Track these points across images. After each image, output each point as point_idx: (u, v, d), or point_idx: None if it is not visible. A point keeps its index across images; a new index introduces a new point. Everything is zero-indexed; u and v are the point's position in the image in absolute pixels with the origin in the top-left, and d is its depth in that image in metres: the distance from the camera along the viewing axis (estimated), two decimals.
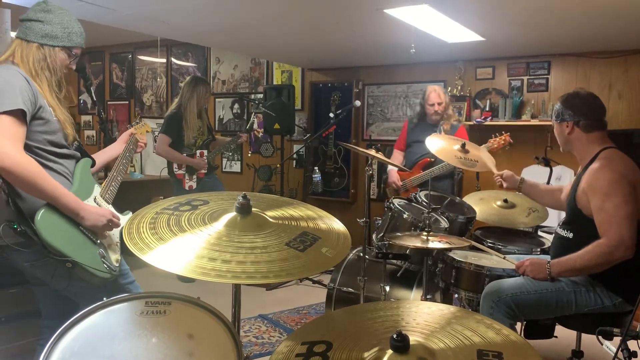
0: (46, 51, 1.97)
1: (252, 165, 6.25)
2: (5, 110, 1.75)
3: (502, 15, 3.57)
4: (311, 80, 6.26)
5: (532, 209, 3.37)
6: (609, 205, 2.20)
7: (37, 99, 1.88)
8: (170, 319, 1.38)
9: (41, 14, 1.97)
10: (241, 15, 3.80)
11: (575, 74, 4.89)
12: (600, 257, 2.19)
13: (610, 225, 2.19)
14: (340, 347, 1.21)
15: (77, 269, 1.86)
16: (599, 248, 2.19)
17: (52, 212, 1.86)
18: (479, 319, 1.31)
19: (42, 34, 1.96)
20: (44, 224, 1.82)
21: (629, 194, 2.21)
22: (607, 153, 2.36)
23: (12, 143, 1.75)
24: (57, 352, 1.26)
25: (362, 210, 3.15)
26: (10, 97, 1.78)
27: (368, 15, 3.63)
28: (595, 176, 2.29)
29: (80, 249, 1.90)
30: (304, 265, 1.38)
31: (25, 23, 1.97)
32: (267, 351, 3.40)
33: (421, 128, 4.35)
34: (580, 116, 2.40)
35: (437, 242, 2.64)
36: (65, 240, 1.86)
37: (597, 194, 2.25)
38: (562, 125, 2.45)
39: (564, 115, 2.44)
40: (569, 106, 2.43)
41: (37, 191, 1.81)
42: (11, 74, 1.85)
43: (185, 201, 1.61)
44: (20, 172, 1.74)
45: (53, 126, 1.95)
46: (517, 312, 2.32)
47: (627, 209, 2.18)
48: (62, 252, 1.82)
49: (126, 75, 7.55)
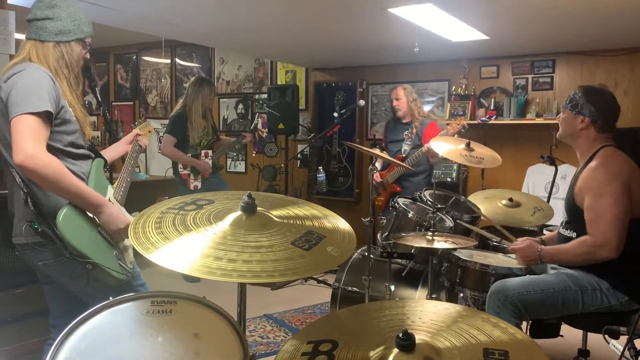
0: (63, 48, 1.97)
1: (256, 165, 6.25)
2: (32, 111, 1.76)
3: (506, 14, 3.56)
4: (315, 80, 6.26)
5: (537, 208, 3.36)
6: (599, 205, 2.23)
7: (60, 100, 1.90)
8: (176, 318, 1.38)
9: (48, 11, 1.95)
10: (245, 16, 3.81)
11: (580, 72, 4.87)
12: (585, 255, 2.25)
13: (598, 225, 2.22)
14: (346, 346, 1.21)
15: (96, 271, 1.87)
16: (584, 246, 2.25)
17: (72, 214, 1.87)
18: (485, 318, 1.31)
19: (55, 31, 1.95)
20: (65, 226, 1.83)
21: (620, 194, 2.22)
22: (606, 151, 2.36)
23: (36, 143, 1.75)
24: (63, 351, 1.27)
25: (367, 209, 3.14)
26: (38, 98, 1.78)
27: (372, 15, 3.63)
28: (590, 175, 2.31)
29: (100, 251, 1.92)
30: (310, 264, 1.37)
31: (35, 23, 1.96)
32: (273, 351, 3.40)
33: (395, 128, 4.49)
34: (600, 115, 2.37)
35: (442, 241, 2.64)
36: (86, 242, 1.87)
37: (589, 193, 2.28)
38: (577, 118, 2.40)
39: (583, 109, 2.38)
40: (591, 102, 2.37)
41: (61, 190, 1.82)
42: (41, 75, 1.85)
43: (191, 201, 1.61)
44: (44, 172, 1.75)
45: (73, 126, 1.96)
46: (523, 311, 2.32)
47: (616, 210, 2.20)
48: (83, 253, 1.83)
49: (131, 76, 7.57)
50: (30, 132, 1.75)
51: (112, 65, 7.72)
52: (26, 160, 1.72)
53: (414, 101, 4.34)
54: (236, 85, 6.76)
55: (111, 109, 7.66)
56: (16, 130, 1.75)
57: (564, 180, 4.41)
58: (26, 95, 1.78)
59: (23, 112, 1.75)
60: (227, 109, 6.87)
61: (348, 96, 5.93)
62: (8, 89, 1.81)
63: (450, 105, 5.31)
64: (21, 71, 1.84)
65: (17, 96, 1.78)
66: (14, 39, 3.11)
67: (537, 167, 4.90)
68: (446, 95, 5.51)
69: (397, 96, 4.35)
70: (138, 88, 7.49)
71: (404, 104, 4.32)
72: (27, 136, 1.74)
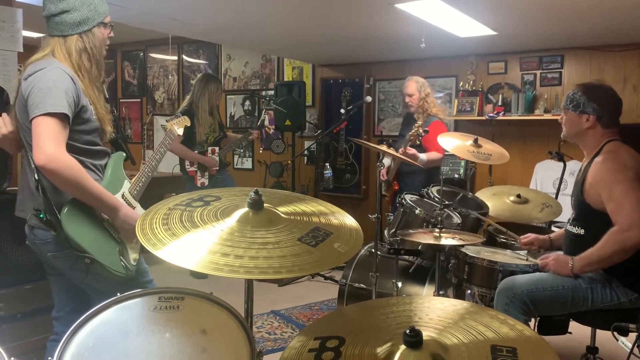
0: (85, 38, 1.96)
1: (263, 161, 6.25)
2: (49, 111, 1.77)
3: (514, 9, 3.54)
4: (322, 77, 6.25)
5: (545, 205, 3.34)
6: (617, 193, 2.20)
7: (80, 99, 1.90)
8: (184, 314, 1.38)
9: (62, 4, 1.93)
10: (251, 12, 3.80)
11: (589, 68, 4.83)
12: (615, 245, 2.17)
13: (621, 212, 2.18)
14: (353, 343, 1.21)
15: (95, 265, 1.89)
16: (612, 236, 2.18)
17: (76, 208, 1.88)
18: (493, 314, 1.30)
19: (75, 23, 1.94)
20: (68, 219, 1.85)
21: (634, 179, 2.20)
22: (611, 146, 2.34)
23: (56, 145, 1.77)
24: (72, 347, 1.27)
25: (374, 206, 3.14)
26: (55, 99, 1.79)
27: (379, 10, 3.62)
28: (601, 168, 2.29)
29: (101, 246, 1.93)
30: (316, 260, 1.37)
31: (53, 19, 1.94)
32: (280, 347, 3.41)
33: (406, 122, 4.37)
34: (604, 111, 2.35)
35: (449, 238, 2.63)
36: (87, 237, 1.89)
37: (604, 186, 2.25)
38: (582, 117, 2.38)
39: (586, 108, 2.36)
40: (593, 99, 2.35)
41: (78, 192, 1.85)
42: (58, 74, 1.85)
43: (198, 197, 1.61)
44: (64, 174, 1.77)
45: (92, 125, 1.97)
46: (532, 308, 2.31)
47: (635, 194, 2.17)
48: (83, 247, 1.85)
49: (138, 73, 7.59)
50: (50, 134, 1.77)
51: (119, 62, 7.74)
52: (47, 163, 1.74)
53: (426, 97, 4.17)
54: (243, 81, 6.76)
55: (119, 106, 7.69)
56: (36, 132, 1.77)
57: (572, 177, 4.37)
58: (44, 96, 1.79)
59: (41, 112, 1.77)
60: (234, 106, 6.88)
61: (355, 92, 5.92)
62: (28, 88, 1.83)
63: (458, 101, 5.29)
64: (42, 69, 1.85)
65: (36, 96, 1.80)
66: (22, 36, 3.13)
67: (545, 163, 4.88)
68: (454, 91, 5.49)
69: (409, 92, 4.19)
70: (145, 85, 7.51)
71: (415, 100, 4.17)
72: (48, 139, 1.76)
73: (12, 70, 3.08)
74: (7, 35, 3.04)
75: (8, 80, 3.02)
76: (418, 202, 3.28)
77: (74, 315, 1.44)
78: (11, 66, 3.08)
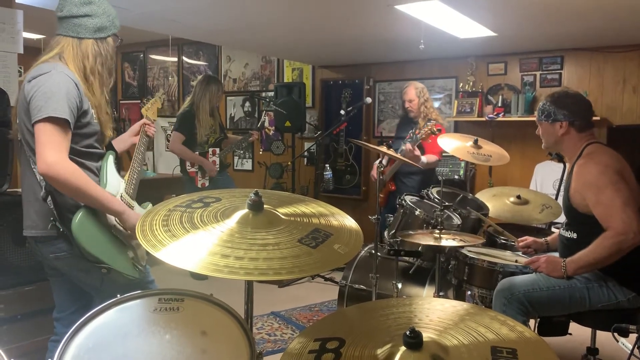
0: (100, 45, 1.98)
1: (263, 163, 6.25)
2: (50, 115, 1.77)
3: (513, 10, 3.54)
4: (322, 78, 6.25)
5: (545, 205, 3.34)
6: (603, 197, 2.23)
7: (83, 104, 1.90)
8: (184, 315, 1.38)
9: (86, 8, 1.95)
10: (252, 13, 3.81)
11: (588, 69, 4.83)
12: (611, 248, 2.18)
13: (611, 216, 2.20)
14: (353, 344, 1.21)
15: (111, 273, 1.92)
16: (607, 240, 2.19)
17: (87, 217, 1.89)
18: (493, 316, 1.30)
19: (94, 28, 1.96)
20: (80, 231, 1.86)
21: (618, 181, 2.23)
22: (590, 148, 2.40)
23: (57, 152, 1.78)
24: (71, 348, 1.27)
25: (374, 207, 3.14)
26: (57, 104, 1.80)
27: (378, 12, 3.62)
28: (583, 171, 2.32)
29: (114, 254, 1.95)
30: (316, 261, 1.37)
31: (72, 20, 1.95)
32: (280, 348, 3.41)
33: (404, 125, 4.46)
34: (575, 116, 2.42)
35: (449, 239, 2.63)
36: (101, 246, 1.91)
37: (589, 190, 2.28)
38: (555, 126, 2.46)
39: (557, 116, 2.44)
40: (562, 106, 2.44)
41: (82, 197, 1.86)
42: (62, 79, 1.85)
43: (198, 198, 1.61)
44: (66, 180, 1.78)
45: (92, 129, 1.97)
46: (530, 308, 2.31)
47: (622, 195, 2.20)
48: (99, 258, 1.88)
49: (138, 75, 7.59)
50: (51, 140, 1.77)
51: (119, 63, 7.74)
52: (49, 170, 1.76)
53: (425, 102, 4.32)
54: (243, 83, 6.76)
55: (119, 108, 7.70)
56: (39, 140, 1.78)
57: None
58: (47, 100, 1.79)
59: (43, 116, 1.77)
60: (234, 107, 6.88)
61: (355, 94, 5.92)
62: (32, 91, 1.83)
63: (458, 102, 5.29)
64: (46, 73, 1.85)
65: (38, 100, 1.80)
66: (22, 37, 3.13)
67: (545, 164, 4.88)
68: (453, 92, 5.49)
69: (409, 98, 4.33)
70: (145, 86, 7.51)
71: (415, 106, 4.31)
72: (49, 146, 1.77)
73: (12, 71, 3.08)
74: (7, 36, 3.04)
75: (8, 81, 3.02)
76: (418, 203, 3.28)
77: (76, 317, 1.44)
78: (11, 68, 3.08)
